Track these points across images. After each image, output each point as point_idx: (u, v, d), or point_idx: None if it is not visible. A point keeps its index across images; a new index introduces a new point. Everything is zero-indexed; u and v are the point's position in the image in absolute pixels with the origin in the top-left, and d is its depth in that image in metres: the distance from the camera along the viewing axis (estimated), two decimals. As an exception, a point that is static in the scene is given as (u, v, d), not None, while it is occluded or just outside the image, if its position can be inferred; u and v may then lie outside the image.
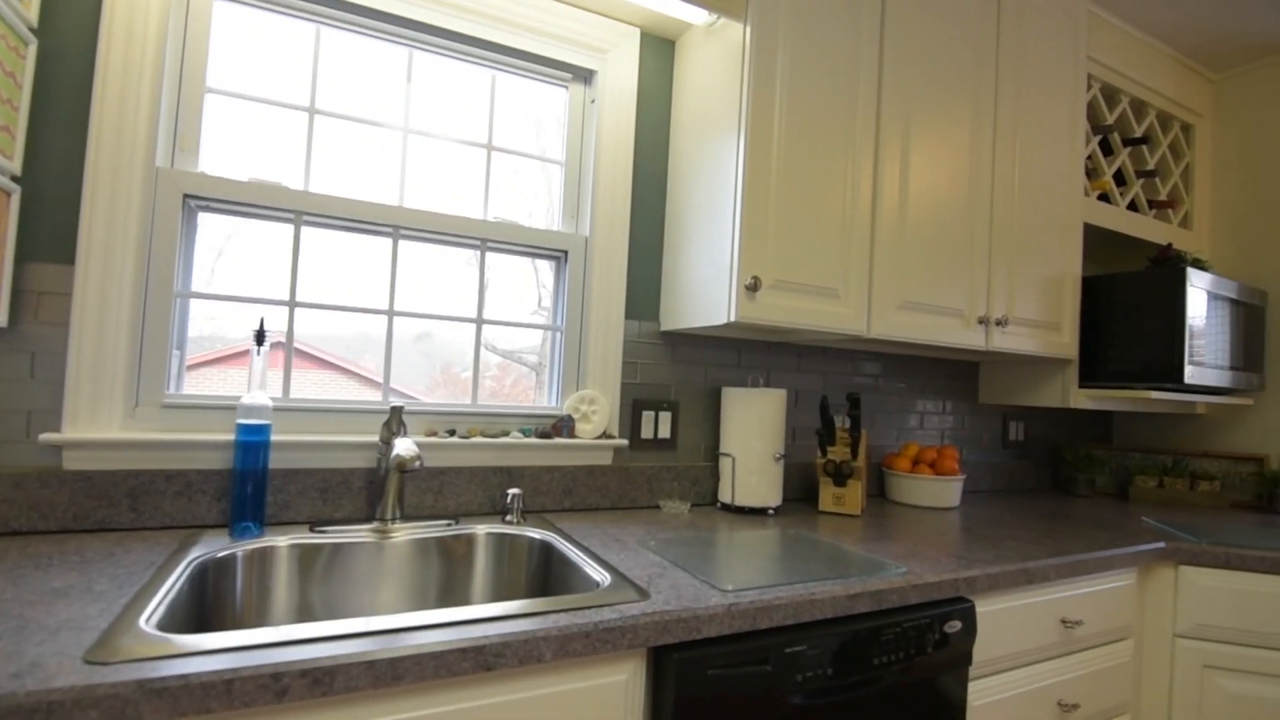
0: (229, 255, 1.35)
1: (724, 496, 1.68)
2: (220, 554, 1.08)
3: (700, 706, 0.91)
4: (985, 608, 1.24)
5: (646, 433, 1.68)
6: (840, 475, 1.68)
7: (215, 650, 0.71)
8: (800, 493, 1.91)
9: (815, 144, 1.49)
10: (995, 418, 2.36)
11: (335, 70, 1.44)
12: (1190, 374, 1.90)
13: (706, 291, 1.50)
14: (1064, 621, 1.37)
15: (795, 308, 1.46)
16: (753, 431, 1.65)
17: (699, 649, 0.92)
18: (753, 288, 1.39)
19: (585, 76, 1.68)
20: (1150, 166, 2.29)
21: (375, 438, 1.35)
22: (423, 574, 1.29)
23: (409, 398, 1.52)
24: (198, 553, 1.06)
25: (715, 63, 1.53)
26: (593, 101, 1.66)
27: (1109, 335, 2.02)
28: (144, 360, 1.23)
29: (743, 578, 1.07)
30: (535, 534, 1.30)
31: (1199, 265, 2.10)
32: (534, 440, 1.50)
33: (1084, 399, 2.01)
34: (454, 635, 0.79)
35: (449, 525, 1.32)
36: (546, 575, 1.26)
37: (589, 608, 0.89)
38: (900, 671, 1.10)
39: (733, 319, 1.39)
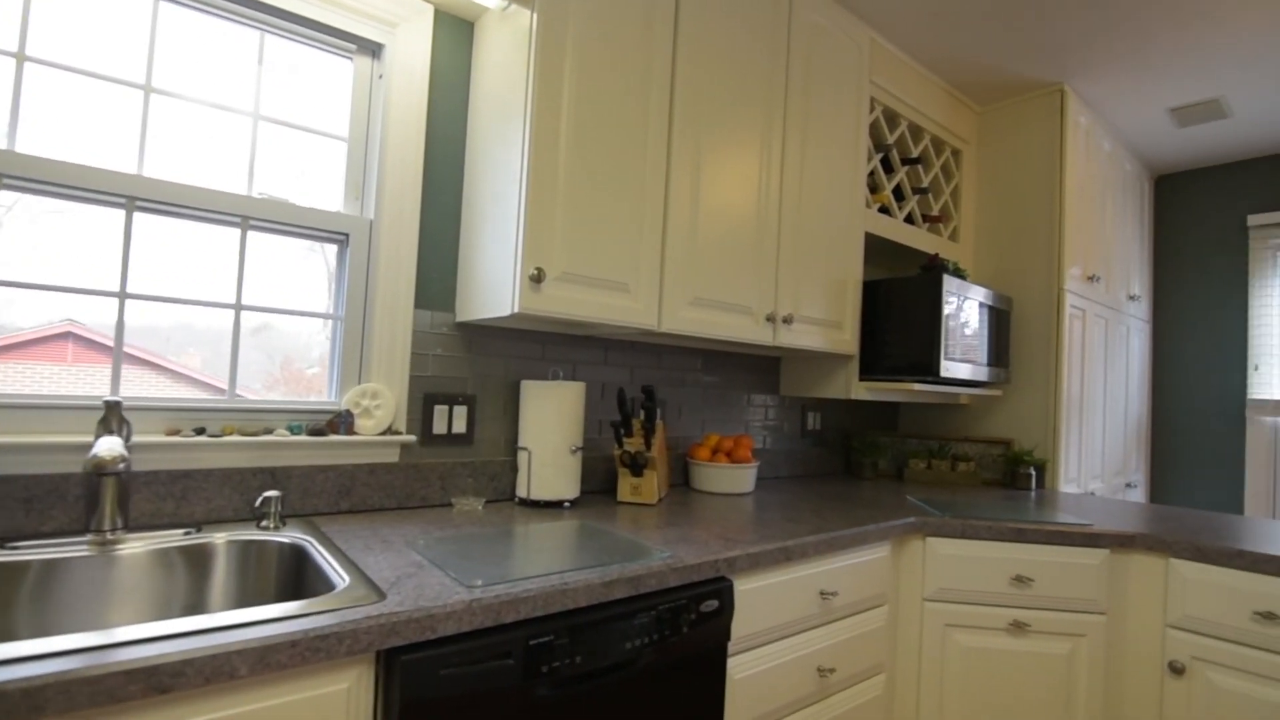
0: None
1: (521, 491, 1.66)
2: None
3: (431, 708, 0.88)
4: (745, 585, 1.32)
5: (439, 428, 1.61)
6: (636, 465, 1.72)
7: None
8: (604, 484, 1.94)
9: (606, 139, 1.50)
10: (796, 409, 2.54)
11: (56, 15, 1.24)
12: (946, 369, 2.16)
13: (496, 282, 1.46)
14: (822, 594, 1.50)
15: (584, 300, 1.47)
16: (550, 425, 1.65)
17: (433, 649, 0.89)
18: (537, 279, 1.38)
19: (373, 50, 1.58)
20: (925, 184, 2.57)
21: (92, 438, 1.18)
22: (163, 589, 1.15)
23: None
24: None
25: (507, 49, 1.50)
26: (380, 77, 1.57)
27: (884, 334, 2.24)
28: None
29: (500, 572, 1.05)
30: (287, 539, 1.20)
31: (958, 274, 2.38)
32: (304, 438, 1.39)
33: (863, 391, 2.22)
34: (127, 655, 0.70)
35: (186, 534, 1.18)
36: (299, 583, 1.17)
37: (304, 615, 0.83)
38: (656, 653, 1.13)
39: (516, 310, 1.37)
